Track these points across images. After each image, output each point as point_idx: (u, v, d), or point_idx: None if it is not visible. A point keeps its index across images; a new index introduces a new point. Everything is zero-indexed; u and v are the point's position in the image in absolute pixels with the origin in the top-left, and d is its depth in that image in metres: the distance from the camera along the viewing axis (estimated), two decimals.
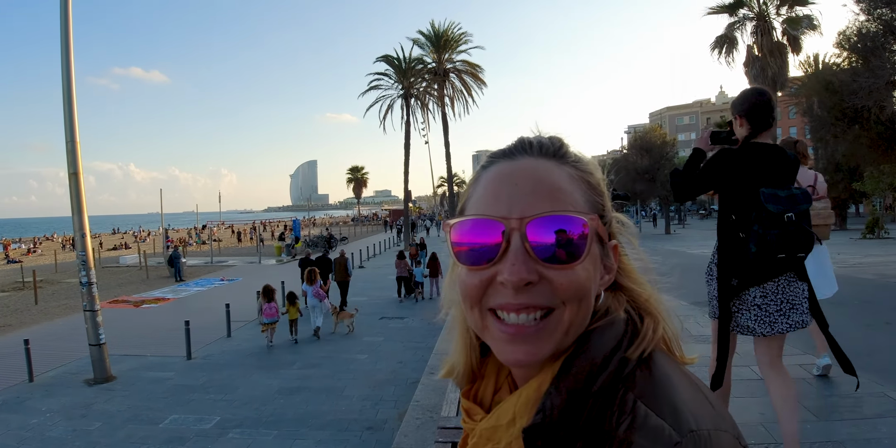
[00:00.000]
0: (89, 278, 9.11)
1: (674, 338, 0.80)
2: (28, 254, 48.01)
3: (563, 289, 0.69)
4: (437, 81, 36.92)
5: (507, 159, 0.77)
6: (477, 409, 0.83)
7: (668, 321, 0.79)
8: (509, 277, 0.68)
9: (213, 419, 7.21)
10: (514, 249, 0.69)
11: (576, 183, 0.75)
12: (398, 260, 16.95)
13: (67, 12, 8.99)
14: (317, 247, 34.70)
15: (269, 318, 11.24)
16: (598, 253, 0.74)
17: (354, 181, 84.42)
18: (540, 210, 0.70)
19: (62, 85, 9.05)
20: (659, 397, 0.65)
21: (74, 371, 9.65)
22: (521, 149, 0.78)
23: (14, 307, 18.18)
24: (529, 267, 0.68)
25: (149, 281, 23.54)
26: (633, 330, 0.74)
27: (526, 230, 0.69)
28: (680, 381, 0.70)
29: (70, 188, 9.15)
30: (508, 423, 0.74)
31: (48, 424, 7.28)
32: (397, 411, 7.10)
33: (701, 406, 0.67)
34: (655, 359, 0.72)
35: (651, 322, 0.76)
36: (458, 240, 0.74)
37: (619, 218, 0.82)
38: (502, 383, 0.84)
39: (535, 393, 0.72)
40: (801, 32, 21.62)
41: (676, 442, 0.60)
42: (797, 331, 3.63)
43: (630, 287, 0.80)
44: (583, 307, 0.71)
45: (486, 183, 0.76)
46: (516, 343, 0.70)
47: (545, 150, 0.77)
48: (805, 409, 4.91)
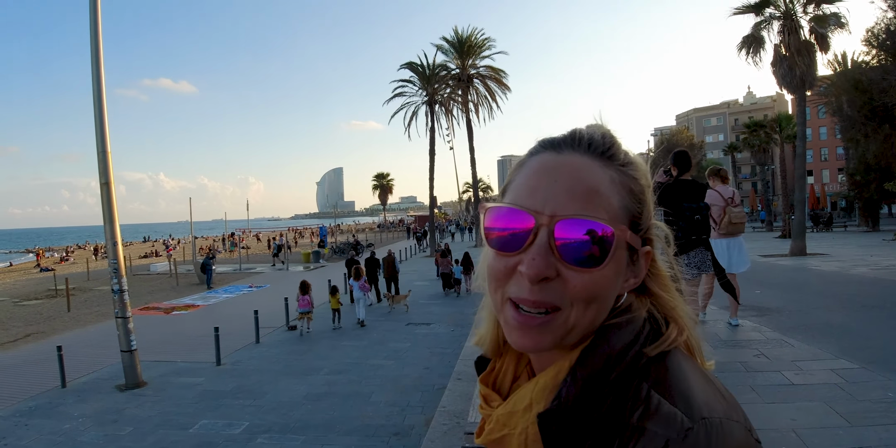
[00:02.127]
0: (121, 286, 9.25)
1: (696, 345, 0.81)
2: (61, 262, 48.92)
3: (576, 290, 0.71)
4: (461, 87, 36.87)
5: (554, 151, 0.78)
6: (495, 395, 0.85)
7: (692, 331, 0.80)
8: (528, 270, 0.70)
9: (242, 425, 7.27)
10: (538, 244, 0.71)
11: (616, 187, 0.75)
12: (441, 258, 18.93)
13: (97, 27, 9.17)
14: (344, 253, 34.99)
15: (302, 308, 13.01)
16: (623, 259, 0.75)
17: (380, 188, 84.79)
18: (572, 211, 0.71)
19: (93, 97, 9.22)
20: (672, 387, 0.67)
21: (106, 377, 9.80)
22: (570, 142, 0.78)
23: (47, 314, 18.52)
24: (549, 263, 0.70)
25: (179, 288, 23.84)
26: (655, 330, 0.76)
27: (554, 228, 0.71)
28: (693, 374, 0.71)
29: (102, 197, 9.31)
30: (525, 409, 0.75)
31: (80, 429, 7.39)
32: (424, 417, 7.10)
33: (713, 397, 0.68)
34: (672, 355, 0.74)
35: (675, 329, 0.78)
36: (491, 224, 0.76)
37: (659, 225, 0.83)
38: (521, 372, 0.86)
39: (552, 380, 0.74)
40: (828, 30, 21.22)
41: (688, 428, 0.61)
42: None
43: (658, 293, 0.82)
44: (591, 310, 0.72)
45: (529, 172, 0.77)
46: (523, 330, 0.72)
47: (594, 147, 0.77)
48: (837, 415, 4.82)
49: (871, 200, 35.31)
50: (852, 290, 12.22)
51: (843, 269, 15.75)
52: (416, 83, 36.84)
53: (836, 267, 16.70)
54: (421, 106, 37.09)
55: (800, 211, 23.08)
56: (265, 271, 30.01)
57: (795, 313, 9.70)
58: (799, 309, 10.11)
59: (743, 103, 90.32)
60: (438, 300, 17.56)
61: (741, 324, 8.42)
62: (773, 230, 40.80)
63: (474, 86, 37.30)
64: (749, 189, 67.98)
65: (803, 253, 21.59)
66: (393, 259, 17.98)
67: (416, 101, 37.22)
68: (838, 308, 10.13)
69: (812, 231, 34.18)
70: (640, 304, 0.79)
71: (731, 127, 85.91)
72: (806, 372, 6.21)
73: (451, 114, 38.44)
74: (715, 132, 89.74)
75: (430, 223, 39.36)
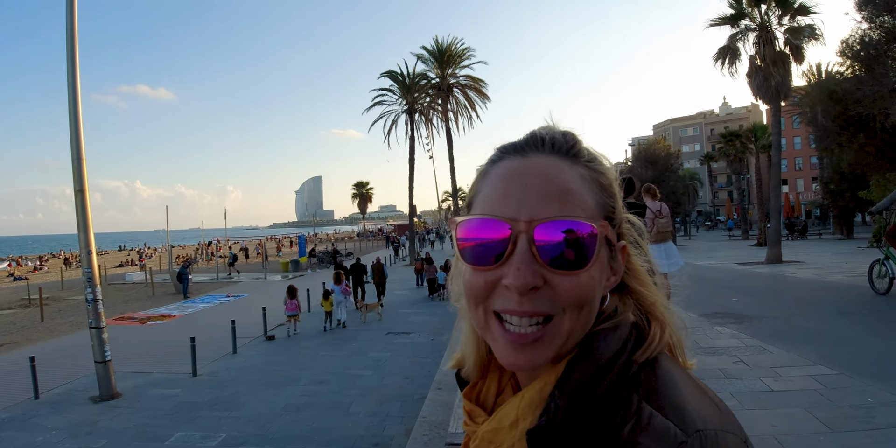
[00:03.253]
0: (95, 295, 9.10)
1: (678, 343, 0.79)
2: (34, 271, 48.15)
3: (567, 295, 0.68)
4: (441, 96, 36.92)
5: (518, 156, 0.75)
6: (479, 411, 0.82)
7: (673, 326, 0.78)
8: (514, 282, 0.67)
9: (219, 436, 7.15)
10: (520, 252, 0.68)
11: (587, 184, 0.73)
12: (427, 265, 20.41)
13: (73, 31, 9.06)
14: (323, 262, 34.83)
15: (289, 311, 14.02)
16: (605, 257, 0.73)
17: (359, 196, 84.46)
18: (549, 213, 0.68)
19: (68, 103, 9.09)
20: (664, 398, 0.65)
21: (80, 388, 9.61)
22: (532, 145, 0.76)
23: (20, 324, 18.17)
24: (535, 271, 0.67)
25: (155, 298, 23.52)
26: (639, 334, 0.74)
27: (534, 233, 0.68)
28: (685, 383, 0.69)
29: (76, 205, 9.17)
30: (511, 425, 0.72)
31: (54, 442, 7.23)
32: (404, 427, 7.05)
33: (707, 407, 0.66)
34: (661, 361, 0.71)
35: (658, 327, 0.75)
36: (464, 238, 0.73)
37: (629, 218, 0.81)
38: (505, 385, 0.83)
39: (538, 395, 0.71)
40: (803, 42, 21.59)
41: (682, 441, 0.59)
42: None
43: (637, 289, 0.79)
44: (583, 314, 0.70)
45: (495, 180, 0.74)
46: (516, 349, 0.69)
47: (558, 147, 0.75)
48: (818, 421, 4.86)
49: (845, 208, 35.93)
50: (829, 297, 12.37)
51: (819, 276, 15.96)
52: (395, 92, 36.88)
53: (812, 274, 16.92)
54: (401, 115, 37.11)
55: (775, 219, 23.37)
56: (243, 281, 29.72)
57: (773, 320, 9.80)
58: (777, 316, 10.21)
59: (719, 114, 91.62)
60: (418, 309, 17.58)
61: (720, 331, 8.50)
62: (749, 238, 41.28)
63: (454, 95, 37.38)
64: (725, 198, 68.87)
65: (779, 260, 21.86)
66: (381, 265, 19.10)
67: (396, 110, 37.23)
68: (815, 315, 10.25)
69: (787, 239, 34.66)
70: (624, 306, 0.77)
71: (707, 137, 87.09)
72: (785, 378, 6.26)
73: (430, 123, 38.47)
74: (691, 142, 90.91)
75: (409, 232, 39.32)
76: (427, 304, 18.84)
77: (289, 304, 14.11)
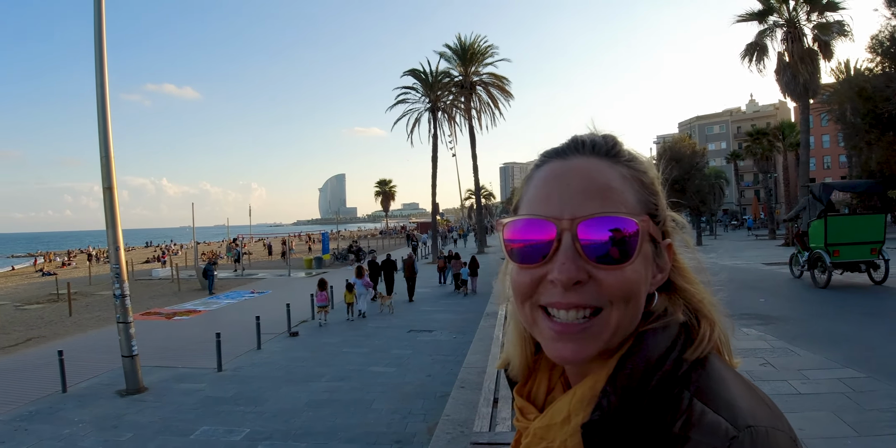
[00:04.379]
0: (122, 291, 9.23)
1: (725, 341, 0.80)
2: (63, 266, 48.99)
3: (612, 289, 0.70)
4: (464, 94, 36.93)
5: (560, 158, 0.78)
6: (531, 407, 0.83)
7: (721, 324, 0.79)
8: (559, 276, 0.69)
9: (243, 431, 7.22)
10: (564, 249, 0.70)
11: (628, 182, 0.75)
12: (455, 261, 21.40)
13: (101, 31, 9.20)
14: (345, 260, 35.07)
15: (320, 302, 15.21)
16: (649, 253, 0.74)
17: (382, 194, 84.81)
18: (591, 210, 0.71)
19: (97, 101, 9.23)
20: (715, 394, 0.66)
21: (107, 382, 9.77)
22: (573, 148, 0.78)
23: (48, 319, 18.51)
24: (579, 266, 0.69)
25: (180, 293, 23.81)
26: (688, 332, 0.75)
27: (577, 230, 0.70)
28: (735, 382, 0.70)
29: (104, 202, 9.30)
30: (563, 422, 0.74)
31: (80, 435, 7.35)
32: (426, 425, 7.06)
33: (757, 405, 0.67)
34: (710, 360, 0.72)
35: (707, 326, 0.76)
36: (511, 238, 0.76)
37: (674, 217, 0.82)
38: (556, 382, 0.85)
39: (589, 391, 0.73)
40: (832, 38, 21.27)
41: (733, 436, 0.60)
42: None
43: (684, 287, 0.80)
44: (630, 308, 0.71)
45: (539, 182, 0.77)
46: (563, 340, 0.71)
47: (598, 148, 0.77)
48: (845, 424, 4.78)
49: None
50: (856, 299, 12.17)
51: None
52: (418, 90, 37.00)
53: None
54: (424, 113, 37.25)
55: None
56: (267, 277, 29.98)
57: (800, 322, 9.66)
58: (803, 317, 10.07)
59: (745, 111, 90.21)
60: (440, 307, 17.64)
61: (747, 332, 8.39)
62: (776, 238, 40.69)
63: (477, 93, 37.38)
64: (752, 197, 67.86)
65: None
66: (413, 261, 19.99)
67: (419, 108, 37.39)
68: (842, 316, 10.08)
69: None
70: (673, 305, 0.78)
71: (733, 135, 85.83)
72: (813, 381, 6.17)
73: (453, 121, 38.52)
74: (717, 140, 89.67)
75: (433, 230, 39.37)
76: (449, 301, 18.88)
77: (319, 295, 15.25)
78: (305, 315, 15.54)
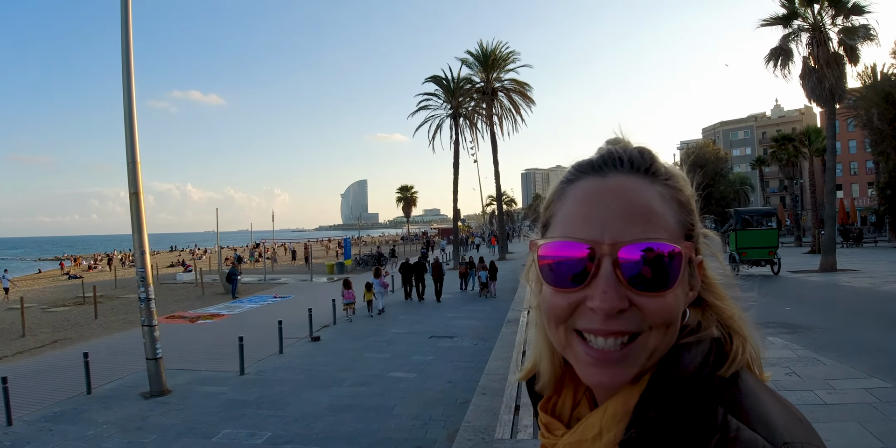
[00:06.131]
0: (148, 294, 9.35)
1: (756, 357, 0.79)
2: (89, 270, 49.74)
3: (654, 316, 0.68)
4: (486, 100, 37.00)
5: (597, 175, 0.75)
6: (557, 423, 0.82)
7: (752, 340, 0.78)
8: (601, 305, 0.67)
9: (265, 435, 7.27)
10: (604, 275, 0.68)
11: (667, 203, 0.73)
12: (479, 263, 22.68)
13: (128, 39, 9.37)
14: (367, 265, 35.29)
15: (347, 300, 16.55)
16: (686, 275, 0.72)
17: (404, 200, 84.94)
18: (633, 235, 0.68)
19: (123, 108, 9.40)
20: (750, 411, 0.65)
21: (131, 384, 9.89)
22: (610, 163, 0.75)
23: (75, 321, 18.84)
24: (621, 294, 0.67)
25: (204, 297, 24.09)
26: (720, 348, 0.73)
27: (618, 255, 0.68)
28: (768, 397, 0.70)
29: (131, 207, 9.45)
30: (594, 438, 0.72)
31: (104, 436, 7.45)
32: (447, 431, 7.05)
33: (791, 421, 0.67)
34: (742, 376, 0.71)
35: (739, 342, 0.75)
36: (546, 260, 0.73)
37: (706, 233, 0.80)
38: (581, 398, 0.83)
39: (621, 407, 0.71)
40: (857, 42, 20.95)
41: None
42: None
43: (714, 303, 0.78)
44: (669, 332, 0.70)
45: (575, 201, 0.74)
46: (600, 366, 0.69)
47: (636, 165, 0.74)
48: (871, 435, 4.71)
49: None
50: (884, 308, 11.96)
51: (874, 286, 15.45)
52: (440, 96, 37.10)
53: (867, 283, 16.39)
54: (445, 119, 37.32)
55: (830, 226, 22.74)
56: (289, 282, 30.19)
57: (827, 330, 9.51)
58: (830, 326, 9.91)
59: (770, 116, 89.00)
60: (462, 313, 17.67)
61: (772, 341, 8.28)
62: (802, 245, 40.15)
63: (499, 99, 37.44)
64: (777, 203, 67.03)
65: (833, 269, 21.25)
66: (440, 264, 21.74)
67: (441, 114, 37.48)
68: (870, 325, 9.92)
69: (842, 246, 33.60)
70: (706, 320, 0.76)
71: (758, 140, 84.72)
72: (839, 391, 6.08)
73: (475, 127, 38.60)
74: (742, 146, 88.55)
75: (454, 236, 39.39)
76: (471, 307, 18.92)
77: (345, 294, 16.65)
78: (327, 320, 15.61)
